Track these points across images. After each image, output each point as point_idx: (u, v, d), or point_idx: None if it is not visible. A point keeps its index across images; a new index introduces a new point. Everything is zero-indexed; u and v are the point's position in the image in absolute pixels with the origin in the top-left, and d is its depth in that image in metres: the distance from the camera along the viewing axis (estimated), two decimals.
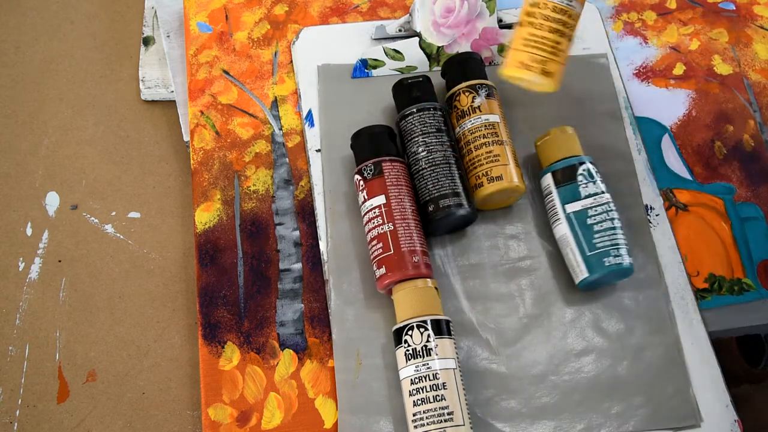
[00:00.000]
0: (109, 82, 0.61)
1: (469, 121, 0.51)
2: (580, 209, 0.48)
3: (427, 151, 0.49)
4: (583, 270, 0.47)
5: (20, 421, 0.48)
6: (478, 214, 0.52)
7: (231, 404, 0.47)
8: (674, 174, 0.54)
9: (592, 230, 0.47)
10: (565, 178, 0.49)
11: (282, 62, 0.58)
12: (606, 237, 0.47)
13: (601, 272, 0.47)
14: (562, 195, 0.49)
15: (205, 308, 0.49)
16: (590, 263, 0.47)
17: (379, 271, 0.47)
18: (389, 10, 0.61)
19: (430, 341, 0.44)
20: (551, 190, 0.49)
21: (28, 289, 0.52)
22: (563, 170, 0.49)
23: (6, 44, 0.62)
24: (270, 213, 0.52)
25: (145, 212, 0.55)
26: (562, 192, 0.49)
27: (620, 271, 0.47)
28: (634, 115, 0.56)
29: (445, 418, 0.42)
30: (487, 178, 0.49)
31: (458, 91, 0.52)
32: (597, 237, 0.47)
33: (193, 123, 0.55)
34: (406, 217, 0.47)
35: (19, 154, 0.57)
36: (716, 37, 0.60)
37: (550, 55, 0.48)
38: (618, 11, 0.61)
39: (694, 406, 0.46)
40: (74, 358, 0.50)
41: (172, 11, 0.61)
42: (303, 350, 0.48)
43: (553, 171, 0.49)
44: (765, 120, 0.56)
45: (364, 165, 0.49)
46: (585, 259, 0.47)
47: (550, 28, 0.48)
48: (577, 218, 0.48)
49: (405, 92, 0.52)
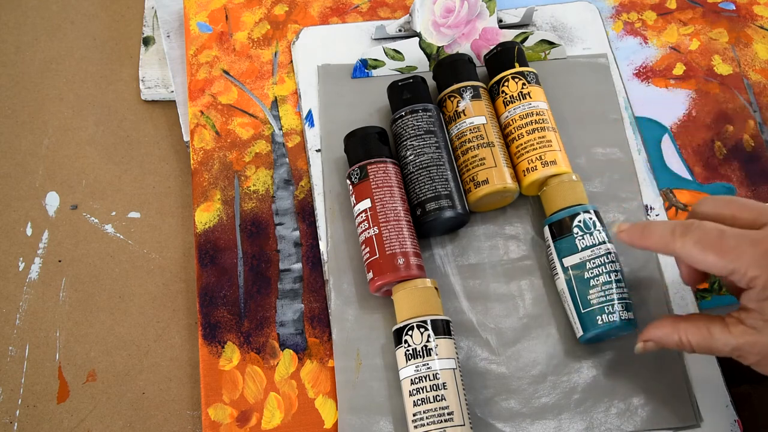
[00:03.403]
0: (109, 82, 0.61)
1: (455, 127, 0.51)
2: (577, 262, 0.46)
3: (415, 154, 0.49)
4: (578, 328, 0.46)
5: (20, 421, 0.48)
6: (478, 215, 0.52)
7: (231, 404, 0.47)
8: (674, 174, 0.54)
9: (588, 285, 0.46)
10: (561, 231, 0.48)
11: (282, 62, 0.58)
12: (601, 293, 0.45)
13: (594, 331, 0.45)
14: (559, 248, 0.47)
15: (205, 308, 0.49)
16: (584, 321, 0.46)
17: (369, 275, 0.47)
18: (389, 10, 0.61)
19: (430, 341, 0.44)
20: (549, 243, 0.48)
21: (28, 289, 0.52)
22: (559, 222, 0.48)
23: (6, 44, 0.62)
24: (270, 213, 0.52)
25: (145, 212, 0.55)
26: (559, 245, 0.47)
27: (617, 328, 0.45)
28: (634, 115, 0.56)
29: (445, 418, 0.42)
30: (474, 183, 0.49)
31: (444, 97, 0.52)
32: (592, 293, 0.46)
33: (193, 123, 0.55)
34: (393, 219, 0.47)
35: (19, 154, 0.57)
36: (716, 37, 0.60)
37: (544, 150, 0.50)
38: (618, 11, 0.61)
39: (694, 406, 0.46)
40: (74, 358, 0.50)
41: (172, 11, 0.61)
42: (303, 350, 0.48)
43: (549, 223, 0.48)
44: (765, 120, 0.56)
45: (351, 169, 0.49)
46: (580, 317, 0.46)
47: (527, 131, 0.50)
48: (575, 272, 0.46)
49: (397, 94, 0.52)
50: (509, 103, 0.52)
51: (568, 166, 0.50)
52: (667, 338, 0.42)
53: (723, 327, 0.40)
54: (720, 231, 0.39)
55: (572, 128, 0.55)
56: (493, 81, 0.53)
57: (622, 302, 0.46)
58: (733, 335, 0.39)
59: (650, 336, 0.43)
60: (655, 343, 0.43)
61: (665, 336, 0.42)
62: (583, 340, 0.47)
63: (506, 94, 0.52)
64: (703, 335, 0.40)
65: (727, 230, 0.39)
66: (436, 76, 0.54)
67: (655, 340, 0.42)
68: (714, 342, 0.40)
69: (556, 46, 0.57)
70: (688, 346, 0.41)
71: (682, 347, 0.41)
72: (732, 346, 0.39)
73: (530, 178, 0.50)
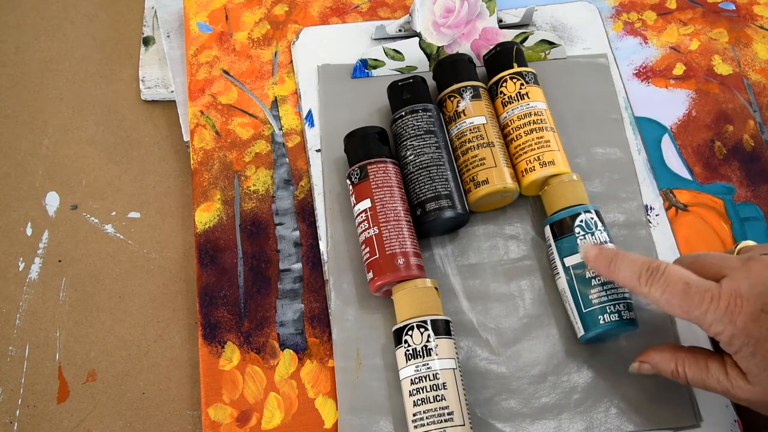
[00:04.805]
0: (109, 82, 0.61)
1: (455, 127, 0.51)
2: (578, 262, 0.46)
3: (414, 154, 0.49)
4: (580, 327, 0.46)
5: (20, 421, 0.48)
6: (478, 215, 0.52)
7: (231, 404, 0.47)
8: (674, 174, 0.54)
9: (590, 285, 0.46)
10: (563, 230, 0.47)
11: (282, 62, 0.58)
12: (603, 292, 0.45)
13: (596, 330, 0.45)
14: (560, 248, 0.47)
15: (205, 308, 0.49)
16: (585, 321, 0.46)
17: (369, 275, 0.47)
18: (389, 10, 0.61)
19: (430, 341, 0.44)
20: (550, 242, 0.48)
21: (28, 289, 0.52)
22: (560, 222, 0.48)
23: (6, 44, 0.62)
24: (270, 213, 0.52)
25: (145, 212, 0.55)
26: (560, 245, 0.47)
27: (618, 328, 0.45)
28: (634, 115, 0.56)
29: (445, 418, 0.42)
30: (474, 183, 0.49)
31: (444, 97, 0.52)
32: (594, 292, 0.46)
33: (193, 123, 0.55)
34: (393, 219, 0.47)
35: (19, 154, 0.57)
36: (716, 37, 0.60)
37: (542, 150, 0.50)
38: (618, 11, 0.61)
39: (693, 406, 0.46)
40: (74, 358, 0.50)
41: (172, 11, 0.61)
42: (303, 350, 0.48)
43: (551, 223, 0.48)
44: (765, 120, 0.56)
45: (351, 169, 0.49)
46: (581, 317, 0.46)
47: (525, 131, 0.50)
48: (576, 272, 0.46)
49: (396, 94, 0.52)
50: (507, 103, 0.52)
51: (567, 166, 0.50)
52: (664, 364, 0.43)
53: (720, 366, 0.40)
54: (685, 284, 0.39)
55: (572, 128, 0.55)
56: (492, 82, 0.53)
57: (623, 302, 0.46)
58: (728, 378, 0.40)
59: (648, 359, 0.44)
60: (651, 366, 0.44)
61: (662, 362, 0.43)
62: (584, 340, 0.47)
63: (504, 95, 0.52)
64: (701, 369, 0.41)
65: (691, 283, 0.39)
66: (436, 76, 0.54)
67: (651, 363, 0.44)
68: (709, 379, 0.41)
69: (556, 46, 0.57)
70: (683, 377, 0.42)
71: (676, 377, 0.42)
72: (724, 387, 0.40)
73: (529, 178, 0.50)
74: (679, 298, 0.39)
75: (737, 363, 0.39)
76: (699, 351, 0.42)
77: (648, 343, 0.47)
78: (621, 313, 0.45)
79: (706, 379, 0.41)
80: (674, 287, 0.39)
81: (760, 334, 0.37)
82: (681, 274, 0.40)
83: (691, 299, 0.39)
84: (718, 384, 0.40)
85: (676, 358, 0.42)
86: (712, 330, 0.39)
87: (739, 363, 0.39)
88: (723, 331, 0.38)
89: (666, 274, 0.40)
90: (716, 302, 0.38)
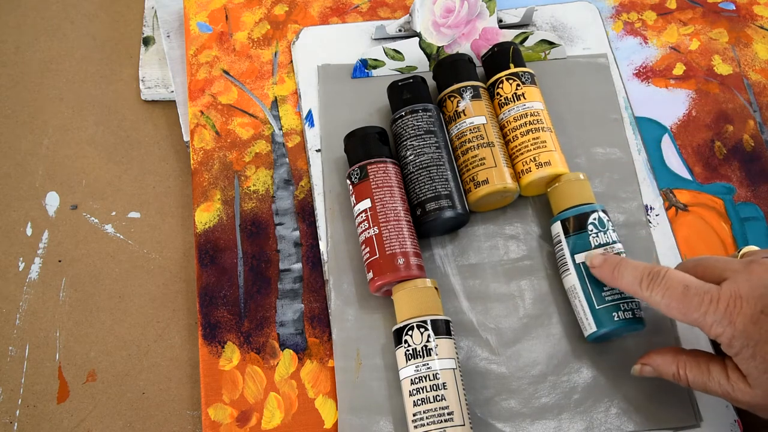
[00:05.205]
0: (109, 82, 0.61)
1: (455, 127, 0.51)
2: None
3: (415, 155, 0.49)
4: (591, 324, 0.46)
5: (20, 421, 0.48)
6: (478, 215, 0.52)
7: (231, 404, 0.47)
8: (674, 174, 0.54)
9: (603, 282, 0.46)
10: (575, 227, 0.47)
11: (282, 62, 0.58)
12: (616, 290, 0.45)
13: (610, 327, 0.45)
14: (572, 244, 0.47)
15: (205, 308, 0.49)
16: (598, 317, 0.45)
17: (369, 275, 0.47)
18: (389, 10, 0.61)
19: (430, 341, 0.44)
20: (560, 239, 0.48)
21: (28, 289, 0.52)
22: (573, 219, 0.47)
23: (6, 44, 0.62)
24: (270, 213, 0.52)
25: (145, 212, 0.55)
26: (572, 241, 0.47)
27: (630, 325, 0.45)
28: (634, 115, 0.56)
29: (445, 418, 0.42)
30: (474, 183, 0.49)
31: (444, 97, 0.52)
32: (607, 289, 0.46)
33: (193, 123, 0.55)
34: (393, 219, 0.47)
35: (19, 154, 0.57)
36: (716, 37, 0.60)
37: (538, 151, 0.50)
38: (618, 11, 0.61)
39: (693, 406, 0.46)
40: (74, 358, 0.50)
41: (172, 11, 0.61)
42: (303, 350, 0.48)
43: (562, 219, 0.48)
44: (765, 120, 0.56)
45: (351, 169, 0.49)
46: (593, 313, 0.46)
47: (522, 132, 0.50)
48: (587, 269, 0.46)
49: (397, 94, 0.52)
50: (504, 104, 0.52)
51: (564, 166, 0.50)
52: (665, 367, 0.43)
53: (721, 369, 0.41)
54: (684, 287, 0.40)
55: (572, 128, 0.55)
56: (489, 83, 0.53)
57: (635, 300, 0.46)
58: (729, 381, 0.40)
59: (650, 361, 0.44)
60: (653, 369, 0.44)
61: (664, 364, 0.43)
62: (592, 338, 0.47)
63: (501, 96, 0.52)
64: (702, 372, 0.41)
65: (691, 285, 0.40)
66: (436, 76, 0.54)
67: (653, 366, 0.44)
68: (710, 382, 0.41)
69: (556, 46, 0.57)
70: (684, 380, 0.42)
71: (677, 380, 0.42)
72: (725, 390, 0.40)
73: (525, 179, 0.50)
74: (679, 300, 0.40)
75: (738, 366, 0.39)
76: (700, 354, 0.42)
77: (649, 344, 0.48)
78: (634, 311, 0.45)
79: (708, 382, 0.41)
80: (674, 290, 0.40)
81: (759, 335, 0.37)
82: (681, 278, 0.40)
83: (690, 301, 0.39)
84: (719, 387, 0.40)
85: (678, 360, 0.42)
86: (713, 332, 0.39)
87: (740, 365, 0.39)
88: (723, 333, 0.38)
89: (666, 278, 0.40)
90: (715, 304, 0.38)
